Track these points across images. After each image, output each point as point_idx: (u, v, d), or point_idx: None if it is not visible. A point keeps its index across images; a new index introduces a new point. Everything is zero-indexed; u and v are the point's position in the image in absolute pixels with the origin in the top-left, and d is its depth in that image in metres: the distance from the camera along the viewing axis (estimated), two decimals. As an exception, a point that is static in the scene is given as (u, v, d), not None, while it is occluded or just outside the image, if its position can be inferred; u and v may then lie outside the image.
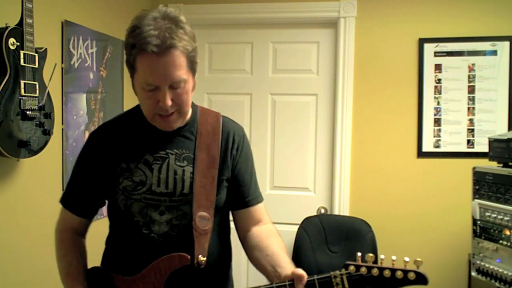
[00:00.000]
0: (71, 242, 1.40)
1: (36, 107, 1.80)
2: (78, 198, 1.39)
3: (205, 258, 1.26)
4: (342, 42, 2.91)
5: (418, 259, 1.11)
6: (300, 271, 1.15)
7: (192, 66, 1.23)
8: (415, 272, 1.11)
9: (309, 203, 3.04)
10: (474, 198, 2.24)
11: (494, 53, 2.77)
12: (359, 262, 1.14)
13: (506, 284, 2.01)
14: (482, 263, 2.14)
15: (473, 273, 2.20)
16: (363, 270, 1.12)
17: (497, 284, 2.06)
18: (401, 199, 2.88)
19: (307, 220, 2.84)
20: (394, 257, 1.13)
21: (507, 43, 2.75)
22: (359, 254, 1.15)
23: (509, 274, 2.00)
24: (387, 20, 2.88)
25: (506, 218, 2.05)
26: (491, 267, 2.09)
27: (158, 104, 1.22)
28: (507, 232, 2.04)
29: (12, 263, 1.89)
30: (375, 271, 1.12)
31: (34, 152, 1.83)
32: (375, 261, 1.14)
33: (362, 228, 2.73)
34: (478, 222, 2.19)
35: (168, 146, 1.32)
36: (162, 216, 1.29)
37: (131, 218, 1.30)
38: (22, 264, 1.94)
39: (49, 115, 1.88)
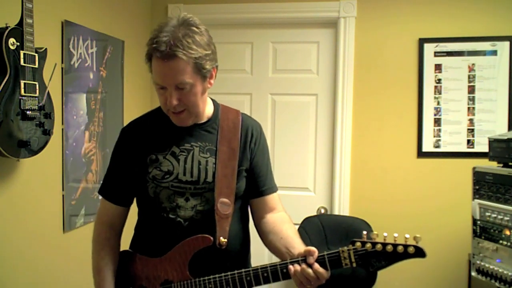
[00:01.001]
0: (106, 237, 1.50)
1: (36, 107, 1.80)
2: (115, 188, 1.52)
3: (226, 240, 1.39)
4: (342, 42, 2.91)
5: (417, 235, 1.21)
6: (312, 248, 1.28)
7: (199, 72, 1.33)
8: (415, 246, 1.21)
9: (309, 203, 3.04)
10: (474, 198, 2.24)
11: (494, 53, 2.77)
12: (365, 239, 1.25)
13: (506, 284, 2.01)
14: (482, 263, 2.14)
15: (473, 273, 2.20)
16: (368, 246, 1.24)
17: (497, 284, 2.06)
18: (401, 199, 2.88)
19: (307, 220, 2.84)
20: (396, 234, 1.24)
21: (507, 43, 2.75)
22: (364, 232, 1.27)
23: (509, 274, 2.00)
24: (387, 20, 2.88)
25: (506, 218, 2.05)
26: (491, 267, 2.09)
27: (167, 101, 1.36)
28: (507, 232, 2.04)
29: (13, 263, 1.89)
30: (379, 247, 1.23)
31: (34, 152, 1.83)
32: (379, 238, 1.25)
33: (362, 228, 2.73)
34: (478, 222, 2.19)
35: (192, 139, 1.46)
36: (188, 202, 1.43)
37: (159, 204, 1.44)
38: (23, 263, 1.94)
39: (49, 115, 1.88)
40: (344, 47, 2.91)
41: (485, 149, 2.34)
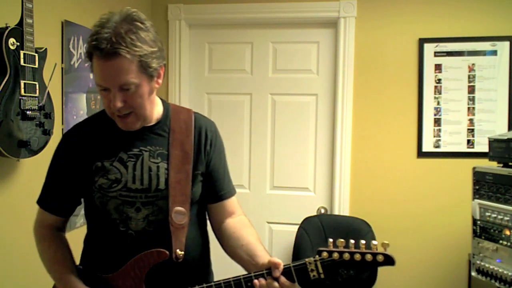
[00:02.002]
0: (52, 235, 1.43)
1: (36, 107, 1.80)
2: (55, 198, 1.42)
3: (182, 252, 1.29)
4: (342, 42, 2.91)
5: (385, 241, 1.17)
6: (276, 259, 1.19)
7: (145, 71, 1.22)
8: (383, 254, 1.16)
9: (309, 203, 3.04)
10: (474, 198, 2.24)
11: (494, 53, 2.77)
12: (331, 248, 1.19)
13: (506, 284, 2.01)
14: (482, 263, 2.14)
15: (473, 273, 2.20)
16: (335, 255, 1.18)
17: (497, 284, 2.06)
18: (401, 199, 2.88)
19: (307, 220, 2.84)
20: (363, 241, 1.18)
21: (507, 43, 2.75)
22: (330, 240, 1.20)
23: (509, 274, 2.00)
24: (387, 20, 2.88)
25: (506, 218, 2.05)
26: (491, 267, 2.09)
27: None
28: (507, 232, 2.04)
29: (13, 263, 1.89)
30: (346, 256, 1.17)
31: (34, 152, 1.83)
32: (346, 246, 1.19)
33: (362, 228, 2.73)
34: (478, 222, 2.19)
35: (141, 144, 1.34)
36: (139, 213, 1.32)
37: (108, 216, 1.33)
38: (23, 264, 1.94)
39: (49, 115, 1.88)
40: (344, 47, 2.91)
41: (485, 149, 2.34)
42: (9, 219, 1.87)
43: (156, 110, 1.37)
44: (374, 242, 1.17)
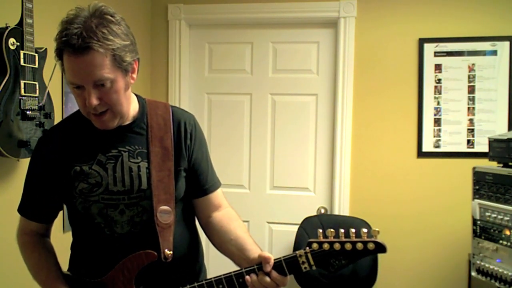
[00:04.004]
0: (35, 242, 1.41)
1: (36, 107, 1.80)
2: (35, 205, 1.39)
3: (171, 252, 1.27)
4: (342, 42, 2.91)
5: (376, 229, 1.16)
6: (267, 254, 1.18)
7: (120, 65, 1.19)
8: (374, 242, 1.15)
9: (309, 203, 3.04)
10: (474, 198, 2.24)
11: (494, 53, 2.77)
12: (321, 239, 1.17)
13: (506, 284, 2.01)
14: (482, 263, 2.14)
15: (473, 273, 2.19)
16: (326, 246, 1.16)
17: (497, 284, 2.06)
18: (401, 199, 2.88)
19: (307, 220, 2.84)
20: (353, 230, 1.17)
21: (507, 43, 2.75)
22: (320, 230, 1.19)
23: (509, 274, 2.00)
24: (387, 20, 2.88)
25: (506, 218, 2.05)
26: (491, 267, 2.09)
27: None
28: (507, 232, 2.04)
29: (13, 263, 1.89)
30: (337, 246, 1.16)
31: (34, 152, 1.83)
32: (336, 236, 1.18)
33: (362, 228, 2.73)
34: (478, 222, 2.19)
35: (119, 144, 1.31)
36: (123, 216, 1.29)
37: (92, 220, 1.30)
38: (23, 264, 1.94)
39: (49, 115, 1.88)
40: (344, 47, 2.91)
41: (485, 149, 2.34)
42: (9, 219, 1.87)
43: (132, 107, 1.33)
44: (364, 230, 1.15)
